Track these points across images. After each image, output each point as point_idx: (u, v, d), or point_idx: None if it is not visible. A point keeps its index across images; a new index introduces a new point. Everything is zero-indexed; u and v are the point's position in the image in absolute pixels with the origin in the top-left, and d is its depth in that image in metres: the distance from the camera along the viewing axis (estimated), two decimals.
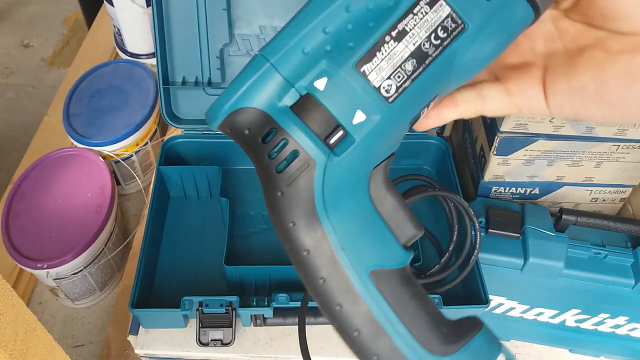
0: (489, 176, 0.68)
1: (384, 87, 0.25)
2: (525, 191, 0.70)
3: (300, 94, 0.25)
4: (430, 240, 0.69)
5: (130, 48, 0.91)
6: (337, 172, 0.25)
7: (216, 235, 0.68)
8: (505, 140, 0.64)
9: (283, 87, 0.25)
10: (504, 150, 0.65)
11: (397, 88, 0.25)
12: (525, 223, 0.62)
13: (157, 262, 0.67)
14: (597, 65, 0.25)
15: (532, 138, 0.63)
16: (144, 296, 0.60)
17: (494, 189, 0.70)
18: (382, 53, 0.24)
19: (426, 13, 0.24)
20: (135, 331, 0.60)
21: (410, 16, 0.24)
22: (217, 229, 0.69)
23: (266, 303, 0.58)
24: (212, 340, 0.58)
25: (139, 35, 0.88)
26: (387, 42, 0.24)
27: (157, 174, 0.69)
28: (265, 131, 0.25)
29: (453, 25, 0.25)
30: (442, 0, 0.24)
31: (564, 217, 0.61)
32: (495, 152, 0.65)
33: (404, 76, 0.25)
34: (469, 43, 0.25)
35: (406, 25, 0.24)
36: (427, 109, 0.27)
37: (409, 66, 0.25)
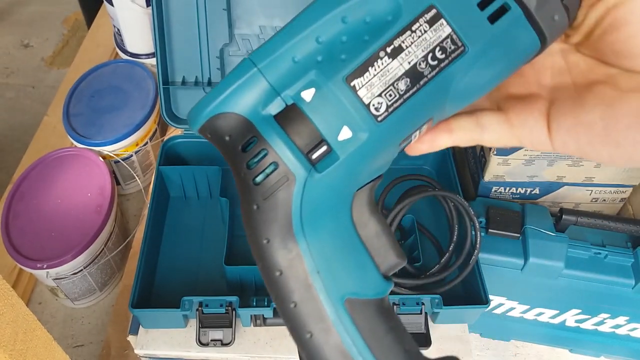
0: (489, 176, 0.68)
1: (373, 105, 0.23)
2: (526, 191, 0.70)
3: (286, 103, 0.24)
4: (430, 240, 0.69)
5: (130, 48, 0.91)
6: (317, 190, 0.24)
7: (216, 235, 0.68)
8: None
9: (268, 95, 0.24)
10: (504, 150, 0.65)
11: (388, 107, 0.24)
12: (526, 223, 0.62)
13: (157, 262, 0.67)
14: (607, 102, 0.24)
15: None
16: (144, 296, 0.60)
17: (494, 189, 0.70)
18: (375, 69, 0.23)
19: (425, 31, 0.23)
20: (135, 331, 0.60)
21: (408, 33, 0.23)
22: (217, 229, 0.69)
23: (266, 303, 0.58)
24: (212, 340, 0.58)
25: (139, 35, 0.88)
26: (381, 58, 0.23)
27: (157, 174, 0.69)
28: (246, 139, 0.24)
29: (452, 47, 0.23)
30: (443, 20, 0.23)
31: (564, 217, 0.61)
32: (495, 152, 0.65)
33: (395, 95, 0.23)
34: (468, 67, 0.24)
35: (403, 42, 0.23)
36: (419, 133, 0.26)
37: (402, 85, 0.23)
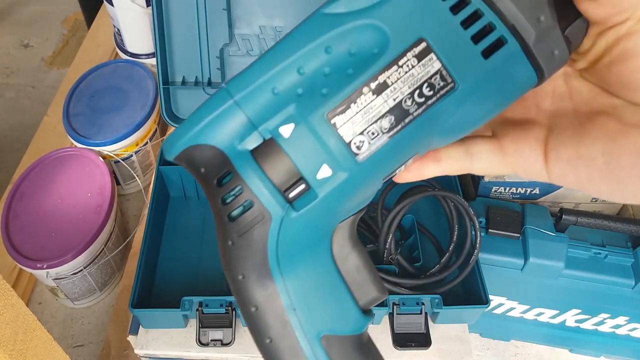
0: (489, 176, 0.68)
1: (355, 143, 0.22)
2: (526, 191, 0.70)
3: (264, 137, 0.22)
4: (430, 240, 0.69)
5: (130, 48, 0.91)
6: (294, 228, 0.23)
7: (216, 235, 0.68)
8: None
9: (245, 128, 0.22)
10: None
11: (370, 145, 0.22)
12: (526, 223, 0.62)
13: (157, 262, 0.67)
14: (610, 136, 0.22)
15: None
16: (144, 296, 0.60)
17: (494, 188, 0.70)
18: (358, 105, 0.22)
19: (413, 67, 0.22)
20: (135, 331, 0.60)
21: (395, 68, 0.22)
22: None
23: None
24: (212, 340, 0.58)
25: (138, 35, 0.88)
26: (365, 94, 0.22)
27: (157, 174, 0.69)
28: (221, 173, 0.23)
29: (441, 84, 0.22)
30: (433, 54, 0.22)
31: (564, 217, 0.61)
32: None
33: (378, 133, 0.22)
34: (458, 104, 0.22)
35: (388, 78, 0.22)
36: (404, 167, 0.25)
37: (385, 123, 0.22)
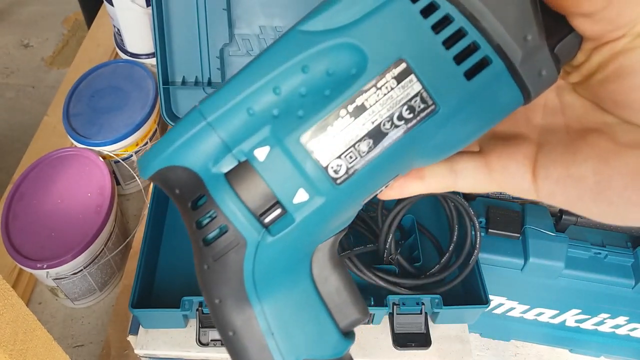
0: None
1: (332, 167, 0.21)
2: None
3: (238, 160, 0.22)
4: (430, 240, 0.69)
5: (130, 48, 0.91)
6: (271, 253, 0.22)
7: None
8: None
9: (219, 151, 0.22)
10: None
11: (348, 169, 0.21)
12: (526, 223, 0.62)
13: (157, 262, 0.67)
14: (601, 155, 0.21)
15: None
16: (144, 296, 0.60)
17: None
18: (335, 128, 0.21)
19: (392, 88, 0.21)
20: (135, 331, 0.60)
21: (373, 90, 0.21)
22: None
23: None
24: (212, 340, 0.58)
25: (138, 35, 0.88)
26: (342, 117, 0.21)
27: None
28: (195, 196, 0.22)
29: (422, 106, 0.21)
30: (413, 75, 0.21)
31: (564, 217, 0.61)
32: None
33: (356, 157, 0.21)
34: (439, 126, 0.21)
35: (366, 100, 0.21)
36: (385, 187, 0.24)
37: (363, 147, 0.21)
